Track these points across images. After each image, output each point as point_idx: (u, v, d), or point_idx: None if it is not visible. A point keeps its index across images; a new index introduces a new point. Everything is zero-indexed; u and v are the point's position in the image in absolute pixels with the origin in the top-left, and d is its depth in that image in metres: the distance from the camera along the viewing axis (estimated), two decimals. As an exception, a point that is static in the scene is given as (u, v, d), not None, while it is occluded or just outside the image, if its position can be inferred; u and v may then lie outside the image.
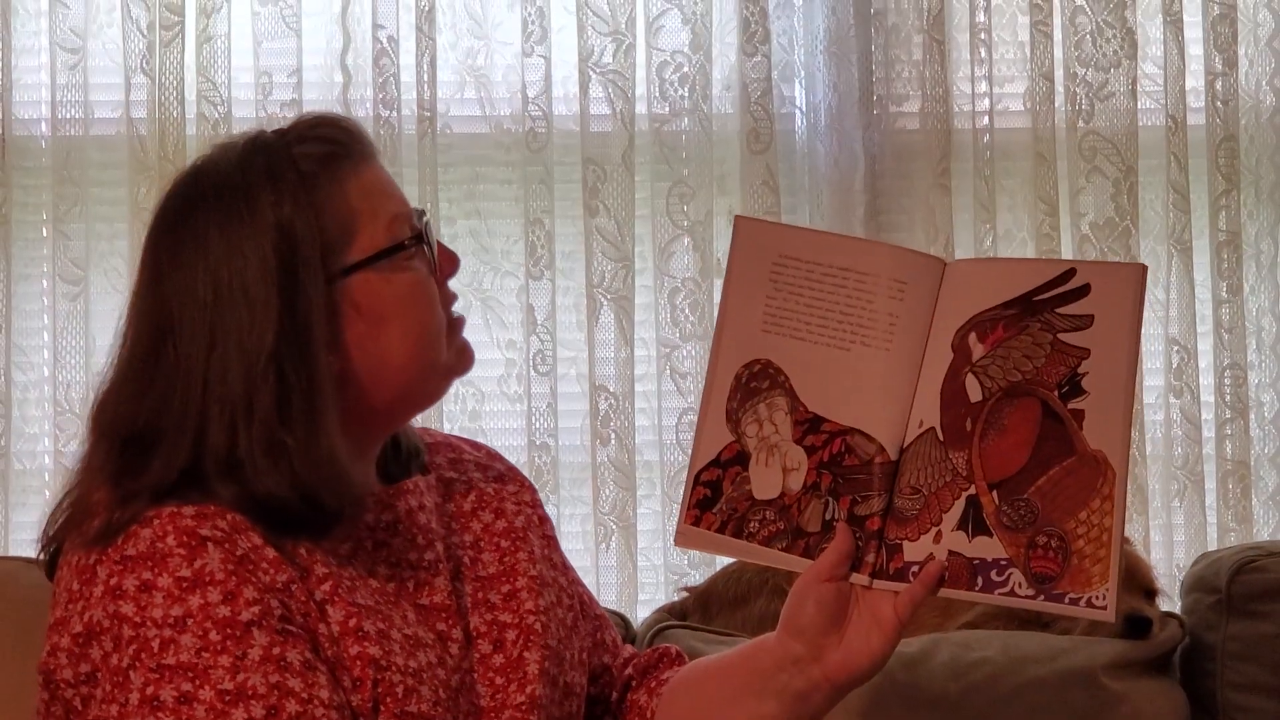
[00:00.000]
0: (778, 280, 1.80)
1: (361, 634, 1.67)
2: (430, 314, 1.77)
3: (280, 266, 1.69)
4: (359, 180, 1.76)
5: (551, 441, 3.25)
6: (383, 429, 1.81)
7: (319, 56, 3.24)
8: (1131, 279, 1.71)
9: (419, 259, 1.77)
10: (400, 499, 1.79)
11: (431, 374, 1.79)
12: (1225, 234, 3.37)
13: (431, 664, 1.71)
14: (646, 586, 3.27)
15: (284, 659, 1.61)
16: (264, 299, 1.68)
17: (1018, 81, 3.37)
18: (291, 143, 1.76)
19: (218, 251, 1.70)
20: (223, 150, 1.78)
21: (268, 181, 1.72)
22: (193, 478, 1.67)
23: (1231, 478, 3.35)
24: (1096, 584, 1.69)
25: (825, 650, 1.77)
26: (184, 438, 1.67)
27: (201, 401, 1.67)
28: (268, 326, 1.68)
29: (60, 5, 3.18)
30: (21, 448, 3.18)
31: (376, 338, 1.74)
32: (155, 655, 1.60)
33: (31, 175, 3.21)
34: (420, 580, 1.78)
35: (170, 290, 1.71)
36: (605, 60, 3.25)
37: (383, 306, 1.74)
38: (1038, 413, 1.71)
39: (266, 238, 1.69)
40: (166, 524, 1.64)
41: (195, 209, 1.73)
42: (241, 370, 1.67)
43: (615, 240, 3.24)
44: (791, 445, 1.79)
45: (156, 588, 1.62)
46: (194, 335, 1.69)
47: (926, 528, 1.73)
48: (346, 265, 1.73)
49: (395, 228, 1.76)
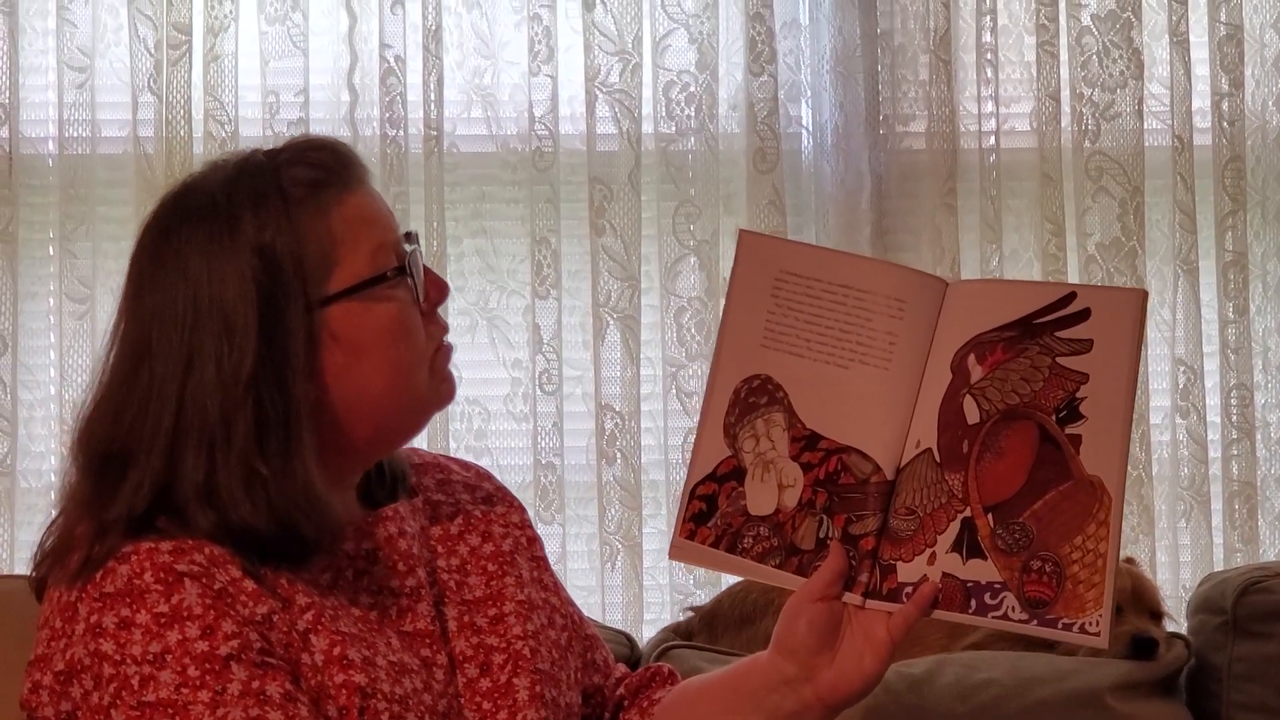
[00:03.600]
0: (779, 295, 1.79)
1: (346, 662, 1.66)
2: (408, 346, 1.75)
3: (260, 292, 1.68)
4: (344, 207, 1.74)
5: (557, 461, 3.25)
6: (362, 460, 1.80)
7: (326, 76, 3.25)
8: (1132, 304, 1.71)
9: (402, 289, 1.75)
10: (380, 525, 1.78)
11: (409, 407, 1.77)
12: (1231, 254, 3.37)
13: (418, 689, 1.71)
14: (652, 606, 3.26)
15: (263, 692, 1.61)
16: (243, 324, 1.67)
17: (1024, 101, 3.38)
18: (281, 166, 1.74)
19: (198, 273, 1.68)
20: (212, 170, 1.77)
21: (251, 205, 1.70)
22: (168, 505, 1.66)
23: (1238, 498, 3.35)
24: (1090, 610, 1.68)
25: (817, 670, 1.76)
26: (154, 460, 1.66)
27: (174, 425, 1.66)
28: (246, 352, 1.66)
29: (68, 24, 3.19)
30: (27, 466, 3.18)
31: (355, 368, 1.72)
32: (135, 693, 1.60)
33: (38, 194, 3.21)
34: (402, 607, 1.77)
35: (150, 309, 1.70)
36: (612, 80, 3.26)
37: (362, 337, 1.72)
38: (1035, 436, 1.71)
39: (247, 262, 1.68)
40: (144, 560, 1.63)
41: (179, 229, 1.72)
42: (219, 396, 1.66)
43: (621, 259, 3.24)
44: (788, 462, 1.78)
45: (135, 624, 1.61)
46: (171, 357, 1.68)
47: (921, 549, 1.72)
48: (327, 294, 1.71)
49: (379, 257, 1.74)
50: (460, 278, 3.27)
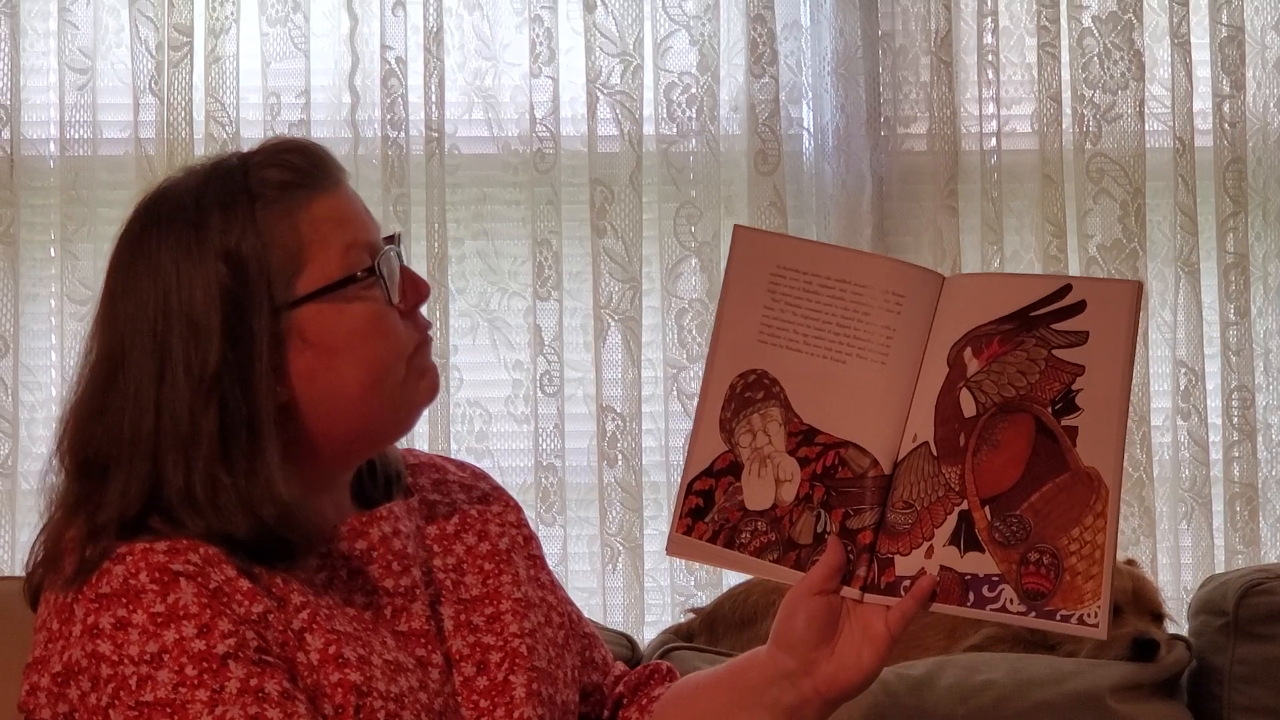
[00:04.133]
0: (775, 291, 1.79)
1: (342, 660, 1.66)
2: (384, 345, 1.74)
3: (225, 296, 1.68)
4: (314, 208, 1.73)
5: (558, 462, 3.25)
6: (345, 461, 1.79)
7: (327, 77, 3.25)
8: (1127, 295, 1.71)
9: (376, 289, 1.74)
10: (374, 526, 1.78)
11: (388, 407, 1.76)
12: (1233, 256, 3.37)
13: (414, 688, 1.71)
14: (653, 608, 3.26)
15: (261, 690, 1.61)
16: (208, 328, 1.67)
17: (1025, 103, 3.38)
18: (252, 168, 1.74)
19: (168, 278, 1.69)
20: (186, 174, 1.76)
21: (219, 209, 1.70)
22: (159, 505, 1.67)
23: (1239, 500, 3.34)
24: (1089, 601, 1.68)
25: (816, 664, 1.76)
26: (139, 464, 1.67)
27: (154, 429, 1.67)
28: (210, 355, 1.67)
29: (69, 25, 3.19)
30: (28, 468, 3.18)
31: (328, 370, 1.72)
32: (133, 693, 1.60)
33: (40, 195, 3.21)
34: (397, 607, 1.77)
35: (123, 315, 1.71)
36: (613, 81, 3.26)
37: (334, 338, 1.72)
38: (1031, 429, 1.71)
39: (214, 267, 1.68)
40: (139, 560, 1.63)
41: (150, 234, 1.72)
42: (188, 399, 1.66)
43: (623, 261, 3.25)
44: (785, 456, 1.78)
45: (132, 624, 1.61)
46: (143, 362, 1.68)
47: (918, 542, 1.72)
48: (295, 297, 1.71)
49: (350, 257, 1.73)
50: (461, 279, 3.27)
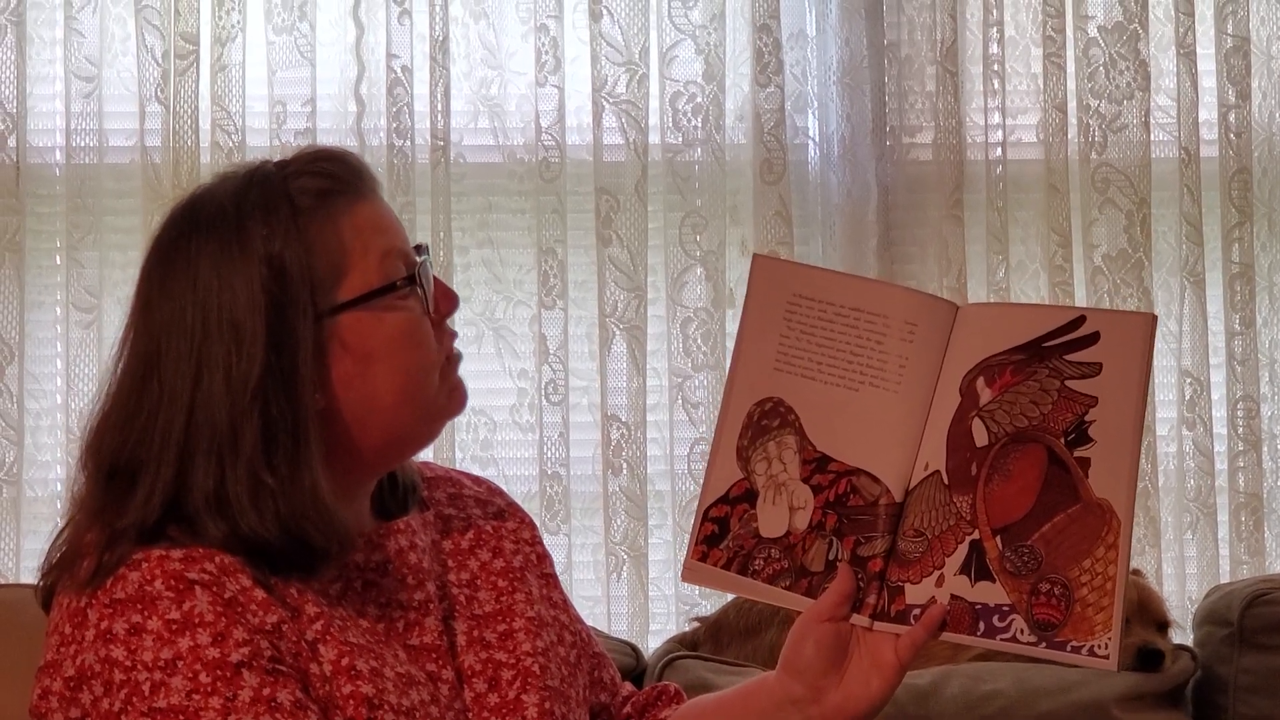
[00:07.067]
0: (791, 319, 1.79)
1: (354, 673, 1.67)
2: (420, 355, 1.75)
3: (269, 302, 1.68)
4: (353, 217, 1.74)
5: (563, 471, 3.25)
6: (372, 470, 1.80)
7: (333, 86, 3.25)
8: (1141, 328, 1.71)
9: (412, 298, 1.75)
10: (390, 538, 1.78)
11: (420, 417, 1.77)
12: (1238, 266, 3.38)
13: (425, 702, 1.71)
14: (658, 616, 3.27)
15: (274, 699, 1.61)
16: (251, 333, 1.67)
17: (1030, 113, 3.38)
18: (290, 176, 1.74)
19: (207, 283, 1.69)
20: (222, 180, 1.76)
21: (261, 215, 1.70)
22: (179, 514, 1.67)
23: (1244, 510, 3.35)
24: (1099, 633, 1.68)
25: (824, 691, 1.76)
26: (165, 470, 1.67)
27: (184, 435, 1.67)
28: (254, 361, 1.67)
29: (75, 34, 3.19)
30: (34, 475, 3.19)
31: (364, 377, 1.72)
32: (146, 699, 1.60)
33: (46, 203, 3.21)
34: (410, 620, 1.77)
35: (159, 320, 1.70)
36: (619, 90, 3.26)
37: (371, 346, 1.73)
38: (1043, 459, 1.71)
39: (256, 272, 1.68)
40: (155, 567, 1.63)
41: (189, 239, 1.71)
42: (227, 405, 1.66)
43: (628, 270, 3.25)
44: (799, 484, 1.78)
45: (146, 631, 1.61)
46: (180, 367, 1.68)
47: (929, 571, 1.72)
48: (336, 304, 1.71)
49: (389, 266, 1.74)
50: (466, 288, 3.27)
